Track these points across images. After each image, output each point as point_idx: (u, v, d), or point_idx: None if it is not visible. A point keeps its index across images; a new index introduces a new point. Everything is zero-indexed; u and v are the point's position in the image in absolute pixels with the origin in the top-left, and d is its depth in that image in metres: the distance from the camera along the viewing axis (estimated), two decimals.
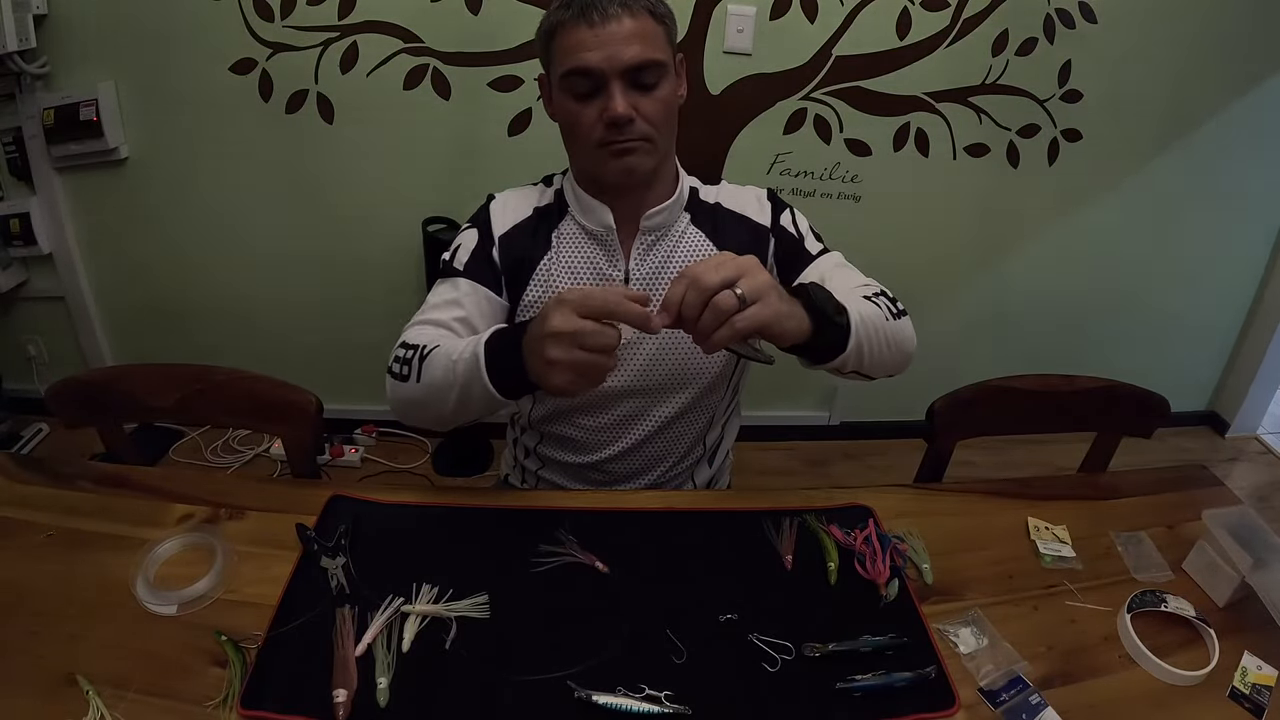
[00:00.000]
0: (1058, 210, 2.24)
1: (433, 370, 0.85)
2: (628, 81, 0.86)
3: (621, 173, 0.91)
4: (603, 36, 0.83)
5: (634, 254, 0.98)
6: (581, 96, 0.87)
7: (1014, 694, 0.73)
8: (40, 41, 1.76)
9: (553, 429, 1.07)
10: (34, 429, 2.20)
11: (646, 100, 0.88)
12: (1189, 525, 0.97)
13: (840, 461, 2.46)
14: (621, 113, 0.85)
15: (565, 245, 0.98)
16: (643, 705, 0.68)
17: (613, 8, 0.83)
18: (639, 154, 0.90)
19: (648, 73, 0.86)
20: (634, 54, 0.84)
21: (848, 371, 0.87)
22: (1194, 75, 2.07)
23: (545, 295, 0.98)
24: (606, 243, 0.97)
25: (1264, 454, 2.64)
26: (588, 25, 0.83)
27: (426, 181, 1.99)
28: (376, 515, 0.90)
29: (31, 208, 1.97)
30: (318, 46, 1.81)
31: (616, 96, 0.85)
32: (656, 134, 0.90)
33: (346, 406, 2.31)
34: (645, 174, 0.93)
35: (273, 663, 0.70)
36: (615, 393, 1.00)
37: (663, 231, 0.99)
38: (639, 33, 0.85)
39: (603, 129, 0.87)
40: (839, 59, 1.92)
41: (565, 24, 0.85)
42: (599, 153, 0.90)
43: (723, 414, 1.12)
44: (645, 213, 0.96)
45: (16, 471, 0.95)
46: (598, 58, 0.84)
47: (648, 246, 0.98)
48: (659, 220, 0.97)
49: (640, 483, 1.09)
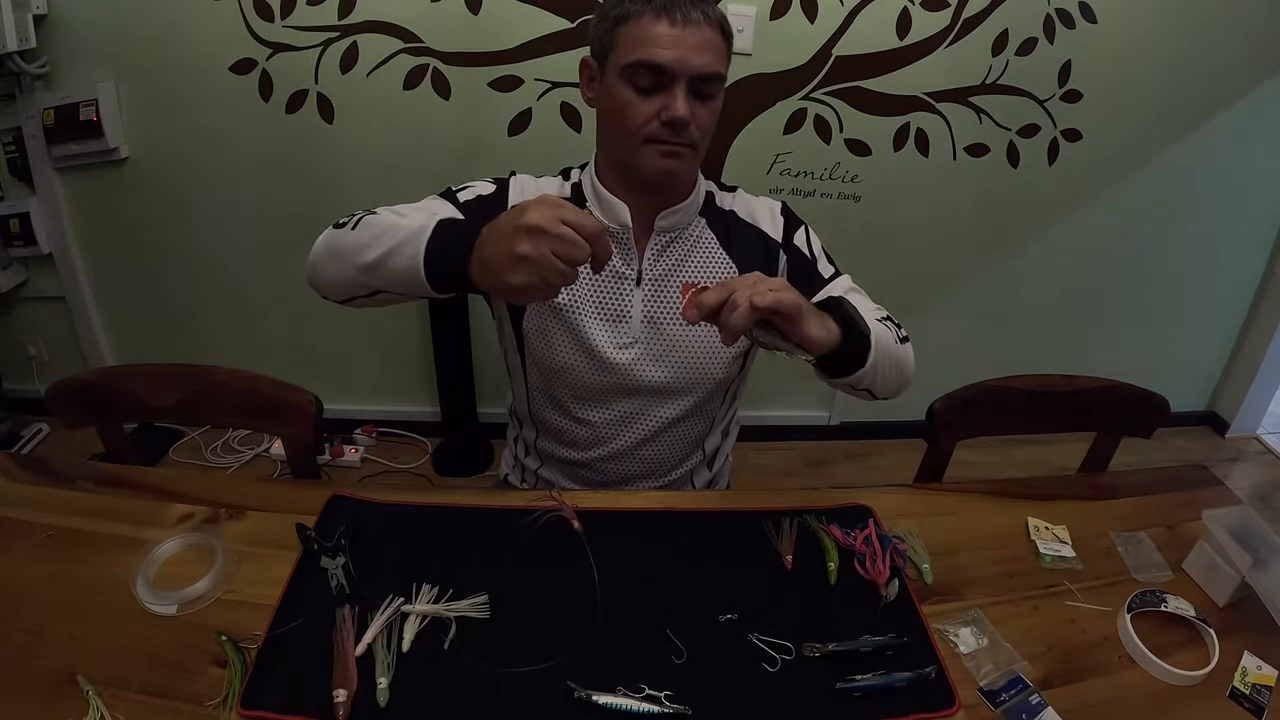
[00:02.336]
0: (1058, 210, 2.24)
1: (375, 224, 0.83)
2: (691, 87, 0.87)
3: (663, 173, 0.92)
4: (682, 37, 0.84)
5: (648, 254, 0.98)
6: (642, 89, 0.88)
7: (1014, 694, 0.73)
8: (40, 41, 1.76)
9: (550, 419, 1.06)
10: (34, 429, 2.20)
11: (703, 109, 0.89)
12: (1189, 525, 0.97)
13: (840, 461, 2.46)
14: (683, 115, 0.86)
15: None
16: (643, 705, 0.68)
17: (695, 12, 0.85)
18: (684, 159, 0.91)
19: (712, 83, 0.88)
20: (706, 62, 0.86)
21: (861, 388, 0.90)
22: (1194, 75, 2.07)
23: (553, 312, 0.97)
24: (621, 240, 0.97)
25: (1264, 454, 2.64)
26: (669, 23, 0.84)
27: (427, 181, 1.98)
28: (376, 515, 0.89)
29: (31, 208, 1.98)
30: (318, 46, 1.81)
31: (680, 99, 0.86)
32: (702, 141, 0.92)
33: (346, 406, 2.31)
34: (680, 180, 0.95)
35: (273, 663, 0.70)
36: (616, 388, 1.00)
37: (677, 233, 0.99)
38: (712, 43, 0.86)
39: (658, 126, 0.88)
40: (839, 59, 1.92)
41: (642, 15, 0.85)
42: (646, 148, 0.90)
43: (721, 420, 1.12)
44: (660, 212, 0.96)
45: (16, 471, 0.95)
46: (671, 56, 0.84)
47: (662, 247, 0.98)
48: (674, 220, 0.97)
49: (638, 488, 1.09)
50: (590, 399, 1.02)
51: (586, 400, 1.02)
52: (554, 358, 0.99)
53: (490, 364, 2.19)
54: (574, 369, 0.99)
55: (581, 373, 0.99)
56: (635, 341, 0.98)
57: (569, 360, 0.99)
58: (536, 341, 1.00)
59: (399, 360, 2.28)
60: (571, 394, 1.02)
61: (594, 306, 0.97)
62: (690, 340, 0.99)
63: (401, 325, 2.21)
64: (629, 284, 0.97)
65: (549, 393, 1.04)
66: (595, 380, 0.99)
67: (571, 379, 1.00)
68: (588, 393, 1.01)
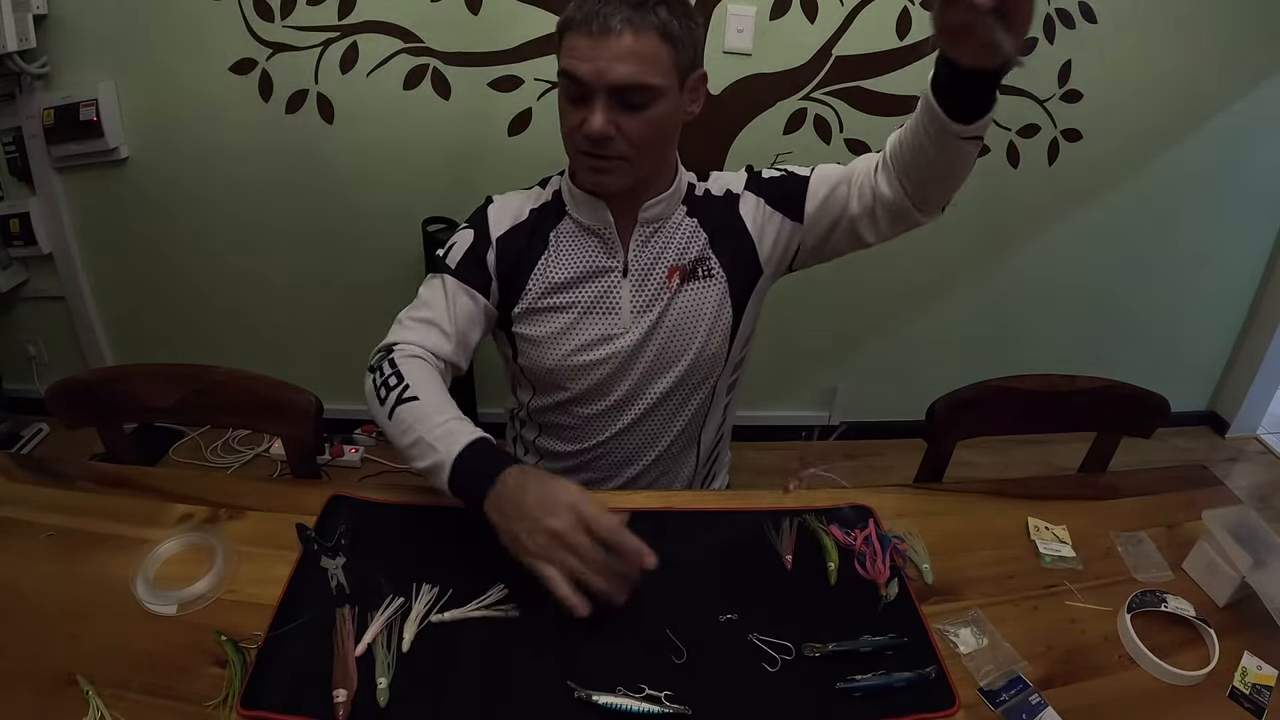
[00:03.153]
0: (1057, 210, 2.24)
1: (403, 425, 0.85)
2: (614, 98, 0.84)
3: (592, 185, 0.93)
4: (598, 48, 0.82)
5: (633, 245, 0.99)
6: (573, 99, 0.87)
7: (1014, 694, 0.73)
8: (40, 41, 1.76)
9: (551, 419, 1.08)
10: (34, 429, 2.20)
11: (633, 120, 0.86)
12: (1189, 525, 0.97)
13: (840, 461, 2.46)
14: (597, 130, 0.84)
15: (563, 242, 0.99)
16: (643, 705, 0.68)
17: (615, 21, 0.81)
18: (613, 173, 0.90)
19: (635, 94, 0.85)
20: (622, 74, 0.83)
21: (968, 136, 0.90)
22: (1194, 75, 2.07)
23: (546, 292, 0.99)
24: (605, 236, 0.98)
25: (1264, 454, 2.64)
26: (587, 33, 0.82)
27: (426, 181, 1.99)
28: (376, 515, 0.90)
29: (31, 208, 1.98)
30: (318, 46, 1.81)
31: (597, 113, 0.84)
32: (636, 154, 0.89)
33: (346, 406, 2.29)
34: (612, 191, 0.94)
35: (273, 663, 0.70)
36: (611, 376, 1.01)
37: (660, 223, 0.99)
38: (637, 52, 0.82)
39: (582, 139, 0.88)
40: (839, 59, 1.92)
41: (572, 25, 0.84)
42: (579, 158, 0.92)
43: (722, 398, 1.12)
44: (643, 204, 0.97)
45: (16, 471, 0.95)
46: (586, 69, 0.83)
47: (646, 237, 0.99)
48: (658, 211, 0.98)
49: (634, 469, 1.09)
50: (587, 392, 1.03)
51: (584, 394, 1.03)
52: (548, 359, 1.00)
53: (490, 364, 2.17)
54: (569, 367, 1.00)
55: (577, 368, 1.00)
56: (626, 330, 0.99)
57: (564, 360, 1.00)
58: (529, 347, 1.01)
59: None
60: (569, 389, 1.03)
61: (584, 305, 0.98)
62: (678, 317, 1.00)
63: None
64: (616, 276, 0.98)
65: (548, 388, 1.05)
66: (591, 373, 1.01)
67: (567, 375, 1.01)
68: (585, 386, 1.02)
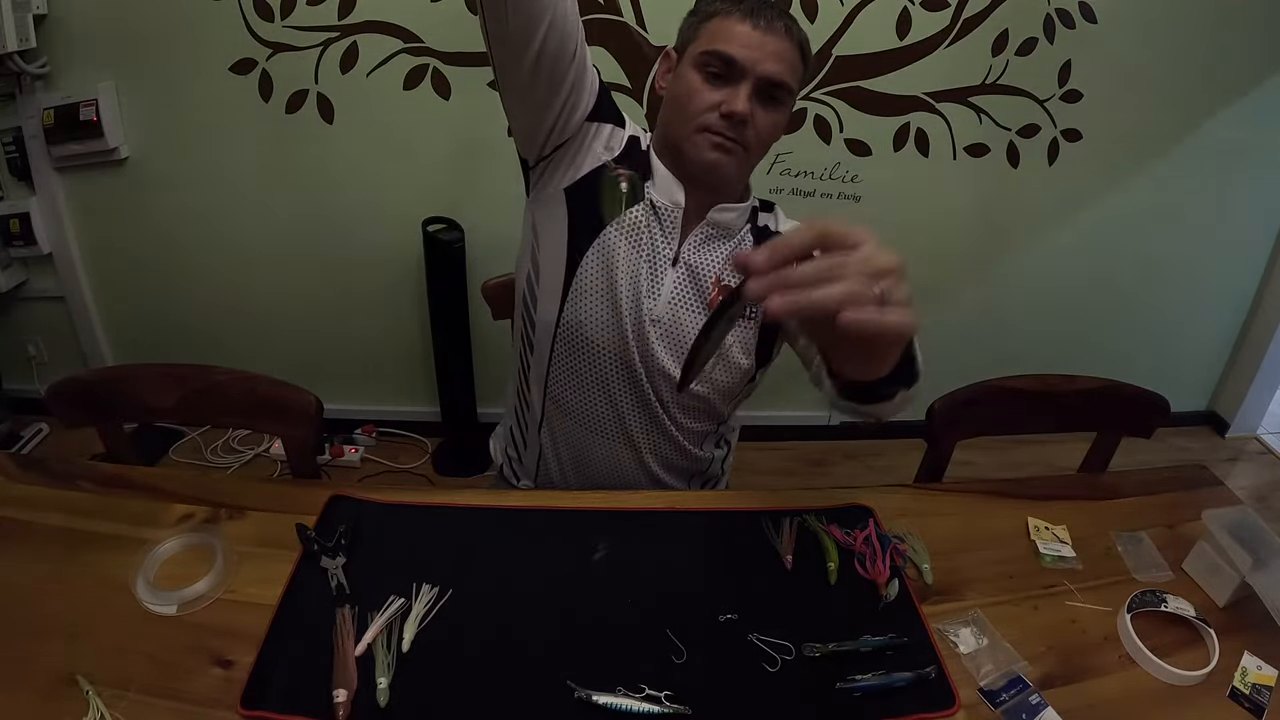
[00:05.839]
0: (1057, 210, 2.24)
1: None
2: (757, 89, 0.89)
3: (709, 164, 0.92)
4: (760, 39, 0.88)
5: (690, 240, 0.98)
6: (712, 77, 0.90)
7: (1014, 694, 0.73)
8: (40, 41, 1.76)
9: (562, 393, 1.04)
10: (34, 429, 2.20)
11: (764, 114, 0.91)
12: (1189, 525, 0.97)
13: (840, 461, 2.46)
14: (741, 110, 0.88)
15: (629, 220, 0.97)
16: (643, 705, 0.68)
17: (779, 22, 0.89)
18: (732, 155, 0.92)
19: (779, 91, 0.91)
20: (777, 69, 0.89)
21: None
22: (1194, 75, 2.07)
23: (603, 272, 0.96)
24: (668, 218, 0.97)
25: (1264, 454, 2.64)
26: (752, 24, 0.88)
27: (426, 182, 1.99)
28: (376, 515, 0.89)
29: (31, 208, 1.98)
30: (318, 46, 1.81)
31: (743, 95, 0.89)
32: (756, 146, 0.93)
33: (346, 406, 2.31)
34: (723, 176, 0.95)
35: (273, 663, 0.70)
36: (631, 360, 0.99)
37: (725, 231, 0.99)
38: (788, 55, 0.90)
39: (716, 117, 0.90)
40: (839, 59, 1.92)
41: (730, 14, 0.89)
42: (699, 136, 0.92)
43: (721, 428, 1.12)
44: (716, 205, 0.97)
45: (16, 471, 0.95)
46: (745, 54, 0.88)
47: (705, 238, 0.99)
48: (728, 219, 0.98)
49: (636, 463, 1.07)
50: (605, 374, 1.00)
51: (602, 375, 1.01)
52: (586, 312, 0.97)
53: (490, 364, 2.19)
54: (601, 331, 0.97)
55: (606, 336, 0.98)
56: (658, 320, 0.98)
57: (599, 319, 0.97)
58: (576, 297, 0.97)
59: (399, 360, 2.28)
60: (590, 363, 1.00)
61: (630, 277, 0.96)
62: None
63: (402, 325, 2.21)
64: (665, 262, 0.98)
65: (570, 358, 1.01)
66: (616, 350, 0.98)
67: (595, 344, 0.98)
68: (604, 365, 1.00)
